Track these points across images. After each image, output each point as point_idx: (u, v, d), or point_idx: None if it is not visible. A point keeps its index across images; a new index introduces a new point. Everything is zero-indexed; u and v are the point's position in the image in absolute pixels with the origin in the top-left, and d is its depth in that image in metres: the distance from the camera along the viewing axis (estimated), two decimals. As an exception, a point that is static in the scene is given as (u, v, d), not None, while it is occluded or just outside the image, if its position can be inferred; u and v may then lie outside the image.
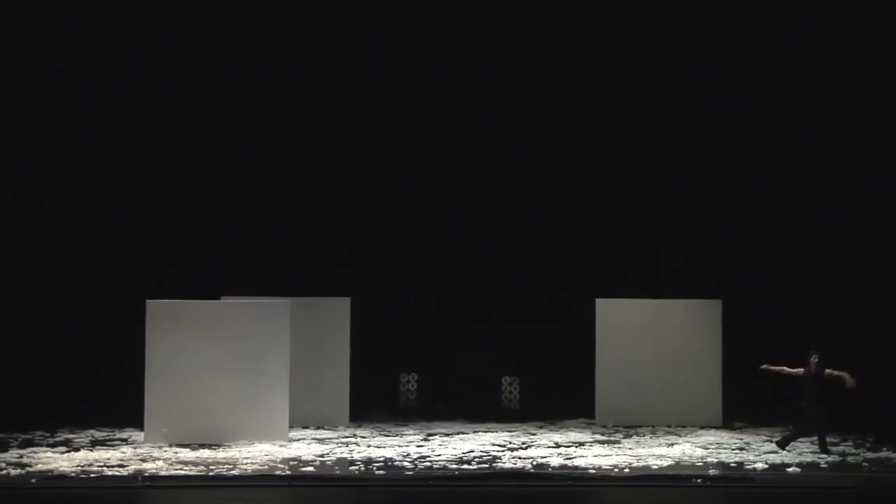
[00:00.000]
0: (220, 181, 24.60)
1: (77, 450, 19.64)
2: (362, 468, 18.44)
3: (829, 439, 20.16)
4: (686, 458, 19.41)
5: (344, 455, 19.52)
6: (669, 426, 22.60)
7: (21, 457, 18.94)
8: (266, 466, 18.45)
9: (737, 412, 23.00)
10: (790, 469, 18.38)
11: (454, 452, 19.75)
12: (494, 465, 18.71)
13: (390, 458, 19.13)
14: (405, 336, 24.70)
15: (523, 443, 20.87)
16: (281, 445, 20.14)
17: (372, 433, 21.91)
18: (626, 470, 18.22)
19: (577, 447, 20.32)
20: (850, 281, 23.84)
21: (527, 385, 24.73)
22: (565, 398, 23.73)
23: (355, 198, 25.02)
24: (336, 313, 22.82)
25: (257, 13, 24.42)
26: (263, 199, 24.81)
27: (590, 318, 23.18)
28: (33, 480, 17.23)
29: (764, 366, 20.15)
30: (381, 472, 18.14)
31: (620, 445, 20.58)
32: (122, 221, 24.26)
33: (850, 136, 23.92)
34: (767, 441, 21.04)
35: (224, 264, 23.92)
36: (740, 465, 18.82)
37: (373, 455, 19.46)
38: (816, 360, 19.82)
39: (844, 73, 23.90)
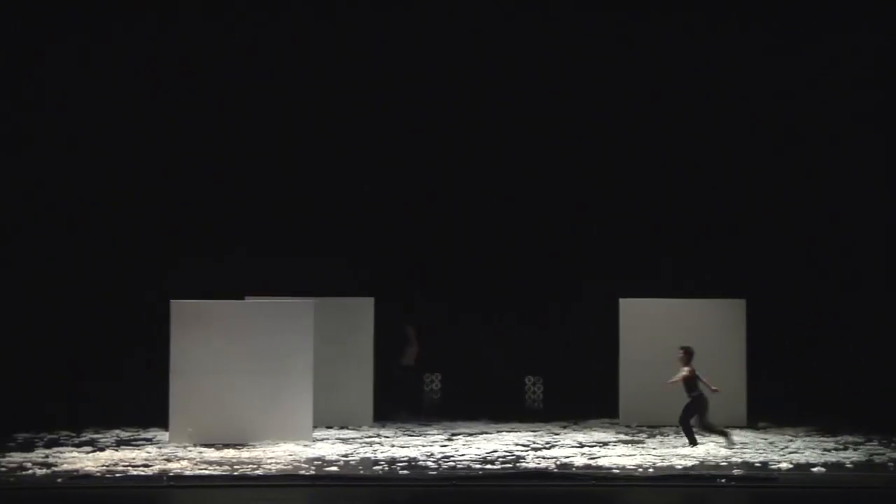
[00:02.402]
0: (245, 181, 24.71)
1: (102, 449, 19.70)
2: (386, 468, 18.45)
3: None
4: (710, 457, 19.36)
5: (368, 455, 19.54)
6: (694, 426, 22.51)
7: (47, 456, 19.01)
8: (290, 466, 18.48)
9: (762, 412, 22.97)
10: (815, 469, 18.31)
11: (478, 452, 19.75)
12: (518, 464, 18.70)
13: (414, 458, 19.14)
14: (429, 336, 24.78)
15: (547, 442, 20.85)
16: (305, 445, 20.16)
17: (395, 433, 21.92)
18: (650, 470, 18.18)
19: (600, 447, 20.30)
20: (873, 280, 23.79)
21: (549, 385, 24.81)
22: (589, 398, 23.73)
23: (380, 199, 25.08)
24: (360, 313, 22.85)
25: (261, 13, 24.51)
26: (288, 199, 24.90)
27: (613, 318, 23.14)
28: (59, 480, 17.27)
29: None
30: (405, 471, 18.15)
31: (644, 445, 20.54)
32: (146, 221, 24.38)
33: (871, 133, 23.91)
34: (792, 440, 21.01)
35: (248, 264, 24.02)
36: (765, 464, 18.76)
37: (396, 455, 19.48)
38: (682, 355, 19.88)
39: (858, 70, 23.87)
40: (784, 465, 18.61)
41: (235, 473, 17.81)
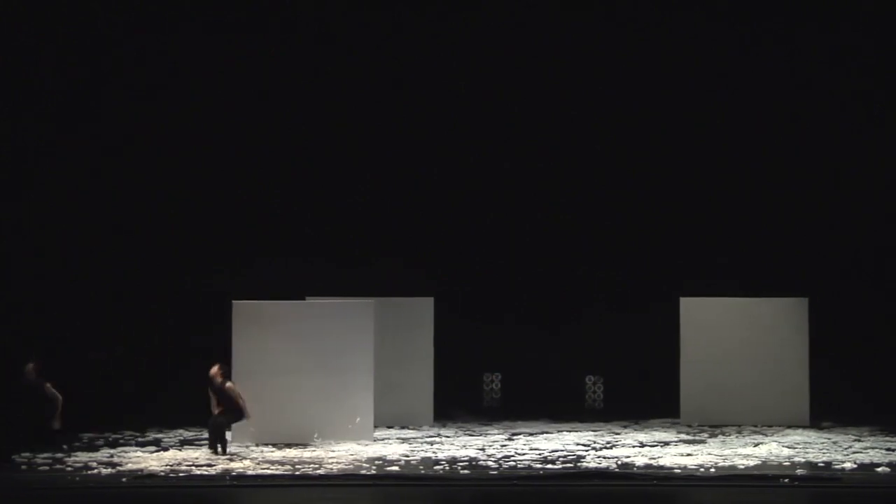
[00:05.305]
0: (307, 182, 24.83)
1: (166, 449, 19.89)
2: (447, 467, 18.48)
3: None
4: (773, 457, 19.23)
5: (428, 454, 19.58)
6: (755, 426, 22.41)
7: (111, 456, 19.22)
8: (351, 466, 18.55)
9: (825, 412, 22.78)
10: (879, 469, 18.14)
11: (538, 452, 19.74)
12: (579, 464, 18.67)
13: (474, 458, 19.16)
14: (489, 336, 24.79)
15: (608, 442, 20.80)
16: (366, 445, 20.24)
17: (456, 433, 21.95)
18: (712, 470, 18.08)
19: (661, 447, 20.22)
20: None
21: (610, 384, 24.75)
22: (649, 397, 23.65)
23: (439, 200, 25.12)
24: (420, 313, 22.91)
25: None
26: (349, 200, 25.01)
27: (674, 317, 23.03)
28: (124, 479, 17.45)
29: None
30: (466, 471, 18.17)
31: (706, 445, 20.43)
32: (208, 221, 24.55)
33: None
34: (856, 440, 20.82)
35: (309, 265, 24.15)
36: (828, 464, 18.61)
37: (457, 454, 19.50)
38: (32, 366, 19.23)
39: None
40: (848, 465, 18.45)
41: (297, 473, 17.91)
